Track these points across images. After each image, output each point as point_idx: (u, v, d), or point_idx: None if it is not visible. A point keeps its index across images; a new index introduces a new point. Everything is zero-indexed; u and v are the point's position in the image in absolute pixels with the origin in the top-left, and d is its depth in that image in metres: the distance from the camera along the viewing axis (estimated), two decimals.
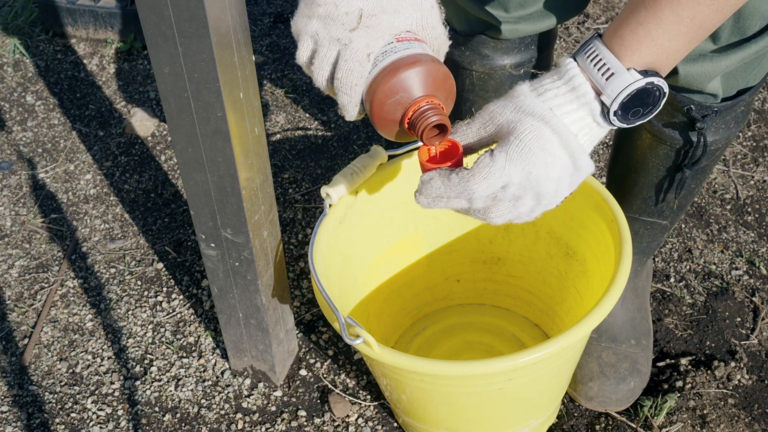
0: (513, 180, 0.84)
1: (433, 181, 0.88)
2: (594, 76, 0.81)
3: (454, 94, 0.89)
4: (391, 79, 0.85)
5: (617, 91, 0.80)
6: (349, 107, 0.89)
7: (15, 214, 1.67)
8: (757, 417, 1.29)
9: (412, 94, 0.86)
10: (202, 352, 1.42)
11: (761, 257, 1.52)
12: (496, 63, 1.24)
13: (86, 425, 1.33)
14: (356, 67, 0.85)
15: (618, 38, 0.81)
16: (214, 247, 1.16)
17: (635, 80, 0.80)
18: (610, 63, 0.81)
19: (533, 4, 1.17)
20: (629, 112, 0.82)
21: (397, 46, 0.86)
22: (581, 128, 0.83)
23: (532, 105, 0.83)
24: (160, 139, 1.82)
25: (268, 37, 2.07)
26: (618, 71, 0.80)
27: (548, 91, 0.83)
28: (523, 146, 0.82)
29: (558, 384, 1.16)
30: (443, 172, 0.87)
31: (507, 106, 0.85)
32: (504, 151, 0.83)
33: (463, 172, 0.86)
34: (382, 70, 0.86)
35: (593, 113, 0.83)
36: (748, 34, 0.99)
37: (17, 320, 1.48)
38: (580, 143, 0.83)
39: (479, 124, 0.88)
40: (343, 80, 0.86)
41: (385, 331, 1.33)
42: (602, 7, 2.10)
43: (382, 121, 0.88)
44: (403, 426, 1.29)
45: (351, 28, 0.84)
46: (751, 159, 1.71)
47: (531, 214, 0.87)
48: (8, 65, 2.02)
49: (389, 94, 0.86)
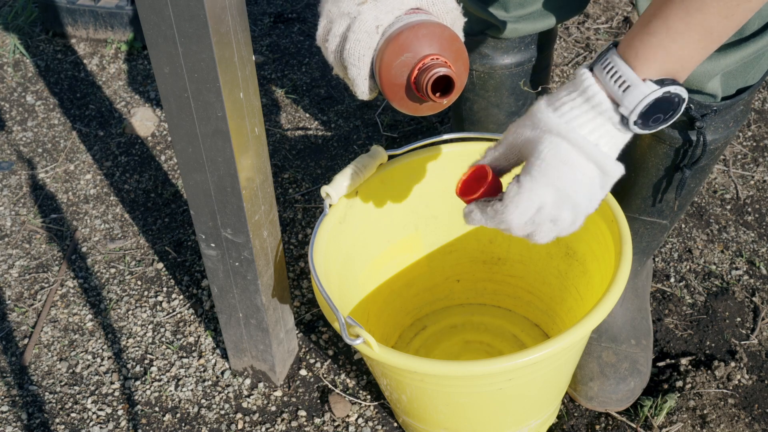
0: (546, 200, 0.84)
1: (473, 213, 0.90)
2: (611, 89, 0.81)
3: (466, 59, 0.89)
4: (397, 41, 0.86)
5: (634, 103, 0.80)
6: (358, 80, 0.89)
7: (15, 214, 1.67)
8: (757, 417, 1.29)
9: (417, 53, 0.86)
10: (202, 352, 1.42)
11: (761, 257, 1.52)
12: (496, 62, 1.24)
13: (86, 425, 1.33)
14: (364, 38, 0.86)
15: (632, 49, 0.80)
16: (214, 247, 1.16)
17: (651, 91, 0.79)
18: (625, 75, 0.80)
19: (533, 3, 1.17)
20: (650, 119, 0.82)
21: (405, 18, 0.87)
22: (601, 136, 0.83)
23: (548, 121, 0.83)
24: (160, 139, 1.82)
25: (268, 37, 2.07)
26: (634, 83, 0.80)
27: (564, 104, 0.83)
28: (545, 165, 0.83)
29: (558, 384, 1.16)
30: (480, 204, 0.89)
31: (526, 125, 0.86)
32: (528, 174, 0.84)
33: (497, 204, 0.87)
34: (388, 38, 0.87)
35: (612, 121, 0.82)
36: (746, 34, 0.99)
37: (17, 320, 1.48)
38: (601, 151, 0.82)
39: (505, 146, 0.89)
40: (351, 50, 0.87)
41: (385, 331, 1.33)
42: (602, 7, 2.10)
43: (391, 87, 0.88)
44: (403, 426, 1.29)
45: (360, 2, 0.86)
46: (751, 159, 1.71)
47: (574, 225, 0.88)
48: (8, 65, 2.02)
49: (395, 56, 0.86)
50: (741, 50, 0.99)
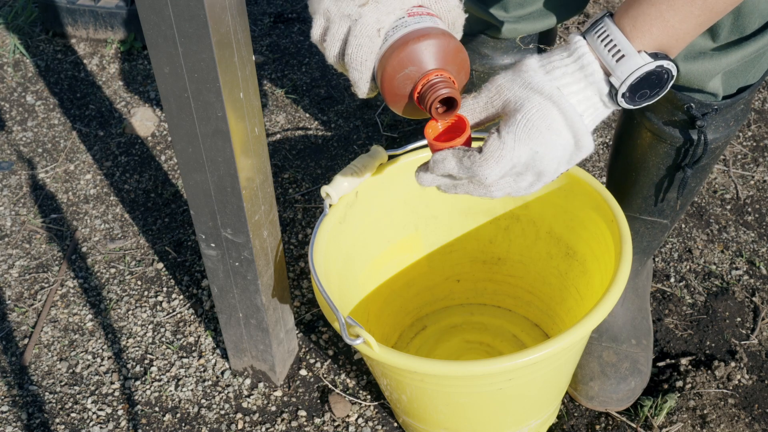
0: (521, 160, 0.83)
1: (446, 161, 0.86)
2: (604, 57, 0.80)
3: (468, 69, 0.88)
4: (401, 53, 0.84)
5: (627, 73, 0.79)
6: (360, 83, 0.88)
7: (15, 214, 1.67)
8: (757, 417, 1.29)
9: (421, 68, 0.85)
10: (202, 352, 1.42)
11: (761, 257, 1.52)
12: (496, 62, 1.24)
13: (86, 425, 1.33)
14: (366, 42, 0.85)
15: (629, 18, 0.80)
16: (214, 247, 1.16)
17: (645, 63, 0.79)
18: (620, 44, 0.80)
19: (533, 3, 1.17)
20: (636, 94, 0.81)
21: (408, 20, 0.86)
22: (587, 108, 0.82)
23: (540, 82, 0.82)
24: (160, 139, 1.82)
25: (268, 37, 2.07)
26: (629, 53, 0.79)
27: (557, 69, 0.82)
28: (531, 125, 0.82)
29: (558, 384, 1.16)
30: (457, 152, 0.86)
31: (515, 80, 0.84)
32: (512, 132, 0.82)
33: (475, 155, 0.84)
34: (391, 45, 0.85)
35: (600, 93, 0.82)
36: (747, 32, 0.99)
37: (17, 320, 1.48)
38: (584, 123, 0.82)
39: (486, 98, 0.87)
40: (353, 55, 0.86)
41: (385, 331, 1.33)
42: (602, 7, 2.10)
43: (392, 96, 0.88)
44: (403, 426, 1.29)
45: (361, 4, 0.85)
46: (751, 159, 1.71)
47: (529, 189, 0.87)
48: (8, 65, 2.02)
49: (398, 68, 0.85)
50: (742, 49, 0.99)
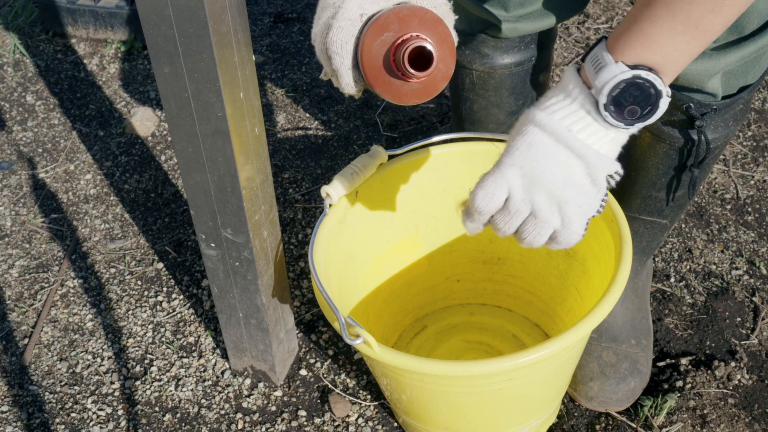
0: (513, 182, 0.84)
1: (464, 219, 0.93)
2: (589, 72, 0.82)
3: (452, 44, 0.87)
4: (377, 21, 0.85)
5: (603, 82, 0.80)
6: (341, 69, 0.87)
7: (15, 214, 1.67)
8: (757, 417, 1.29)
9: (398, 32, 0.85)
10: (202, 352, 1.42)
11: (761, 257, 1.52)
12: (496, 62, 1.24)
13: (86, 425, 1.33)
14: (347, 25, 0.85)
15: (614, 36, 0.81)
16: (214, 247, 1.16)
17: (621, 71, 0.79)
18: (602, 58, 0.81)
19: (533, 3, 1.17)
20: (624, 110, 0.81)
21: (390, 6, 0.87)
22: (574, 122, 0.82)
23: (530, 114, 0.84)
24: (160, 139, 1.82)
25: (268, 37, 2.07)
26: (607, 63, 0.80)
27: (548, 100, 0.84)
28: (510, 148, 0.84)
29: (558, 384, 1.16)
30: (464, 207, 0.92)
31: (515, 127, 0.87)
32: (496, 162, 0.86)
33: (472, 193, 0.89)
34: (369, 21, 0.86)
35: (585, 108, 0.82)
36: (746, 33, 0.99)
37: (17, 320, 1.48)
38: (576, 137, 0.82)
39: None
40: (333, 38, 0.86)
41: (385, 331, 1.33)
42: (602, 6, 2.10)
43: (372, 70, 0.86)
44: (403, 426, 1.29)
45: None
46: (751, 159, 1.71)
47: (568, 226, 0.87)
48: (8, 65, 2.02)
49: (375, 37, 0.85)
50: (741, 49, 0.99)
